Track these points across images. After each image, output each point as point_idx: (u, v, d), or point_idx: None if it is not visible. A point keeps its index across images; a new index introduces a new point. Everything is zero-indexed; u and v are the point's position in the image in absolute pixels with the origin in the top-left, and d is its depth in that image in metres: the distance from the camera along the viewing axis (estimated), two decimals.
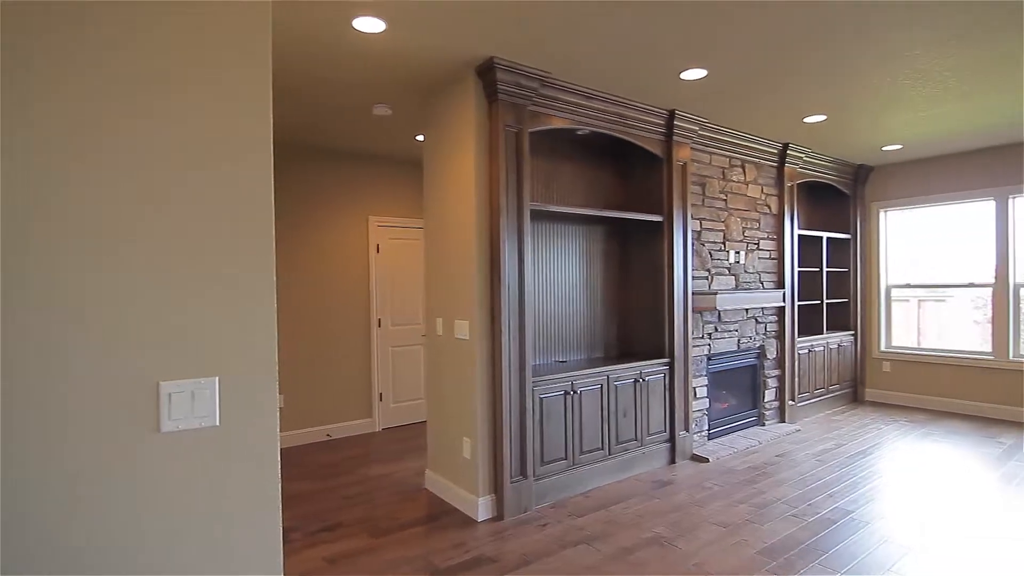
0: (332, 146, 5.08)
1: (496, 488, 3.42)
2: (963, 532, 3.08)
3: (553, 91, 3.55)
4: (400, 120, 4.30)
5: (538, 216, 3.94)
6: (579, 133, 4.06)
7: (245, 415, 1.21)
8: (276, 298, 1.24)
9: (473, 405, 3.41)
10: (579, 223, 4.30)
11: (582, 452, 3.79)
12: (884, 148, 5.51)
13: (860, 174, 6.36)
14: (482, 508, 3.37)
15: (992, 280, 5.60)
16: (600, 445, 3.89)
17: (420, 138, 4.78)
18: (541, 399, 3.56)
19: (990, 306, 5.64)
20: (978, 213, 5.75)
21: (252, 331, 1.21)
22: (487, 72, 3.25)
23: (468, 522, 3.33)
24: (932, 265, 6.15)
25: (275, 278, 1.20)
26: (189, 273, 1.14)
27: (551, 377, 3.61)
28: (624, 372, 4.02)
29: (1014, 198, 5.47)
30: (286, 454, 4.74)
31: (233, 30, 1.20)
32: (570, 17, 2.71)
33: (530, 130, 3.52)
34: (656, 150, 4.24)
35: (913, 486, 3.77)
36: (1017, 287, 5.47)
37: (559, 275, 4.19)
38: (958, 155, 5.80)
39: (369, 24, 2.73)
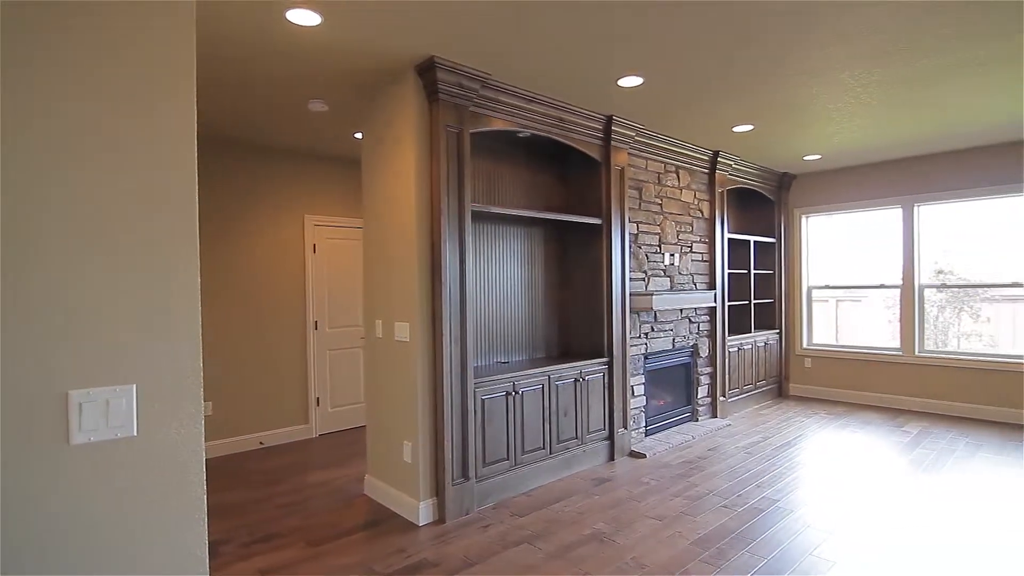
0: (265, 142, 4.89)
1: (438, 491, 3.39)
2: (878, 516, 3.31)
3: (494, 92, 3.55)
4: (337, 117, 4.19)
5: (479, 217, 3.94)
6: (520, 135, 4.08)
7: (166, 424, 1.14)
8: (202, 299, 1.18)
9: (414, 408, 3.36)
10: (520, 225, 4.33)
11: (524, 452, 3.81)
12: (805, 157, 5.87)
13: (784, 181, 6.74)
14: (423, 512, 3.33)
15: (900, 282, 6.06)
16: (542, 444, 3.93)
17: (359, 135, 4.68)
18: (483, 400, 3.56)
19: (899, 306, 6.11)
20: (887, 219, 6.22)
21: (173, 334, 1.14)
22: (427, 71, 3.22)
23: (409, 527, 3.28)
24: (848, 267, 6.59)
25: (199, 277, 1.13)
26: (102, 271, 1.07)
27: (493, 378, 3.61)
28: (565, 372, 4.08)
29: (918, 206, 5.95)
30: (216, 464, 4.51)
31: (152, 23, 1.13)
32: (506, 16, 2.72)
33: (471, 131, 3.51)
34: (595, 154, 4.33)
35: (832, 474, 4.02)
36: (921, 288, 5.94)
37: (501, 276, 4.20)
38: (870, 165, 6.25)
39: (303, 17, 2.64)
